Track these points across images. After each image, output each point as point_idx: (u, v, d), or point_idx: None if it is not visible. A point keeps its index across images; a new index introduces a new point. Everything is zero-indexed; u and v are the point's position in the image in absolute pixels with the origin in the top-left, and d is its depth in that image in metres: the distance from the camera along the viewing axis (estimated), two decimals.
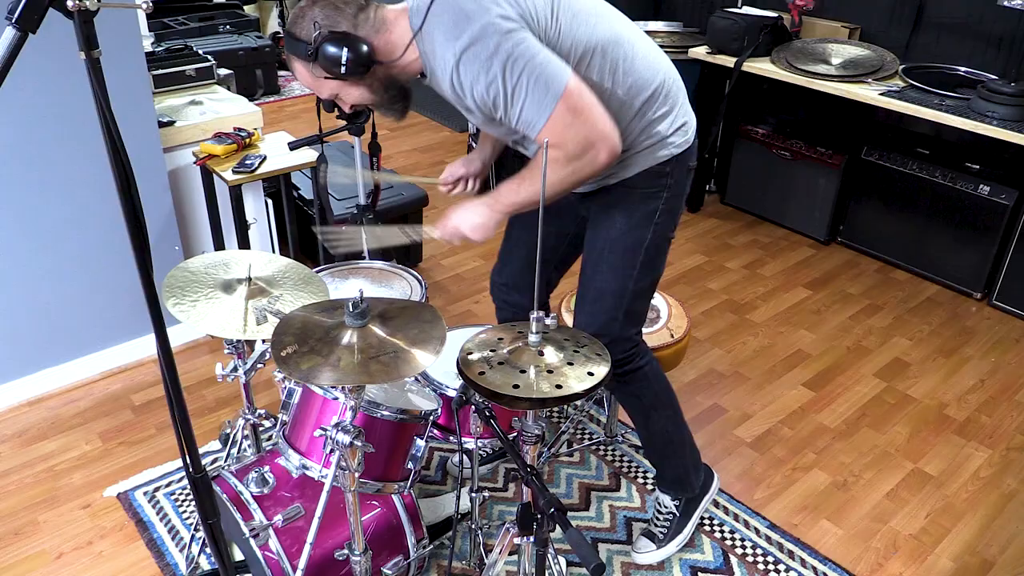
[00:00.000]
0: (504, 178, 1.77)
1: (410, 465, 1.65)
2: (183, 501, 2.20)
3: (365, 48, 1.49)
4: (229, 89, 3.16)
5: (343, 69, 1.48)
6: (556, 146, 1.50)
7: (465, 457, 1.89)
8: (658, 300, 2.23)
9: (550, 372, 1.32)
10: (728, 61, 3.48)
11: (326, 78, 1.54)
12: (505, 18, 1.43)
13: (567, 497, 2.26)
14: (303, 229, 3.19)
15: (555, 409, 2.55)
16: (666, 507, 2.06)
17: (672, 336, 2.19)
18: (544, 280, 2.04)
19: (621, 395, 1.94)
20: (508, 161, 3.92)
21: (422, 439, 1.64)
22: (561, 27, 1.52)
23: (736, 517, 2.21)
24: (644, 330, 2.08)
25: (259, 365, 1.82)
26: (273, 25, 6.31)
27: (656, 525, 2.07)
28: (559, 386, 1.29)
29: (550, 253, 1.96)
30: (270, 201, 2.93)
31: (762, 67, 3.40)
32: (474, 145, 4.06)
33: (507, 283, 2.04)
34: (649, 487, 2.29)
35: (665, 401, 1.93)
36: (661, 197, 1.71)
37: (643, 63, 1.63)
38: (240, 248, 2.75)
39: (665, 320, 2.15)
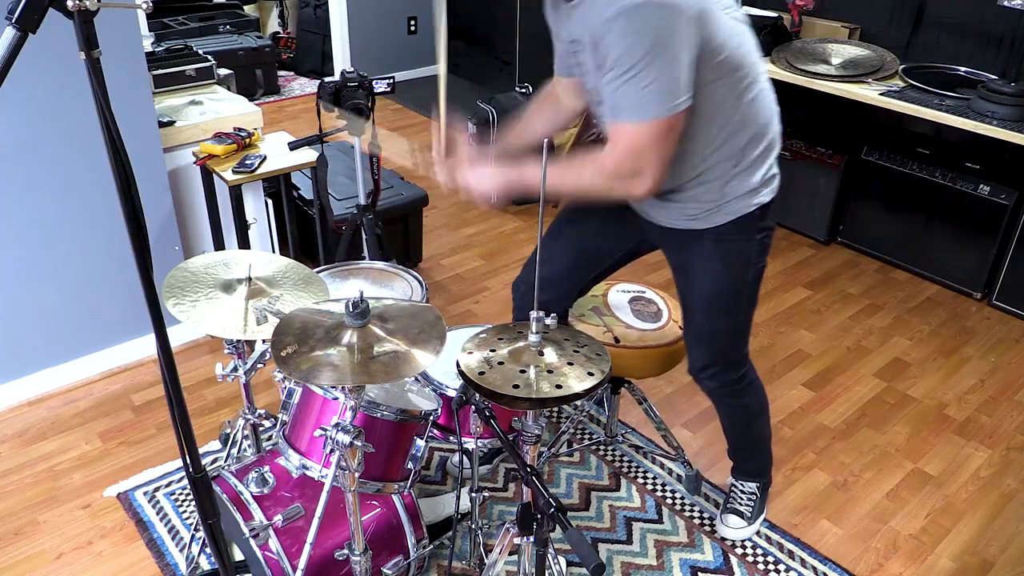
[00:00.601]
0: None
1: (410, 465, 1.65)
2: (183, 501, 2.20)
3: None
4: (229, 89, 3.16)
5: None
6: (615, 154, 1.48)
7: (465, 457, 1.88)
8: (657, 300, 2.23)
9: (550, 372, 1.32)
10: None
11: None
12: (687, 7, 1.38)
13: (567, 497, 2.26)
14: (303, 229, 3.19)
15: (555, 409, 2.55)
16: (749, 489, 2.15)
17: (681, 328, 2.19)
18: (578, 286, 2.05)
19: (732, 408, 2.01)
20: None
21: (422, 439, 1.64)
22: (717, 35, 1.46)
23: None
24: (649, 326, 2.10)
25: (259, 365, 1.82)
26: (273, 25, 6.30)
27: (741, 504, 2.15)
28: (559, 386, 1.28)
29: (595, 261, 1.97)
30: (270, 201, 2.93)
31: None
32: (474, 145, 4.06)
33: (546, 281, 1.91)
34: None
35: (765, 404, 2.04)
36: (754, 239, 1.71)
37: (768, 105, 1.63)
38: (240, 248, 2.75)
39: (667, 317, 2.15)
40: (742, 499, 2.15)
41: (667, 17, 1.37)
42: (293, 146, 2.59)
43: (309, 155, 2.74)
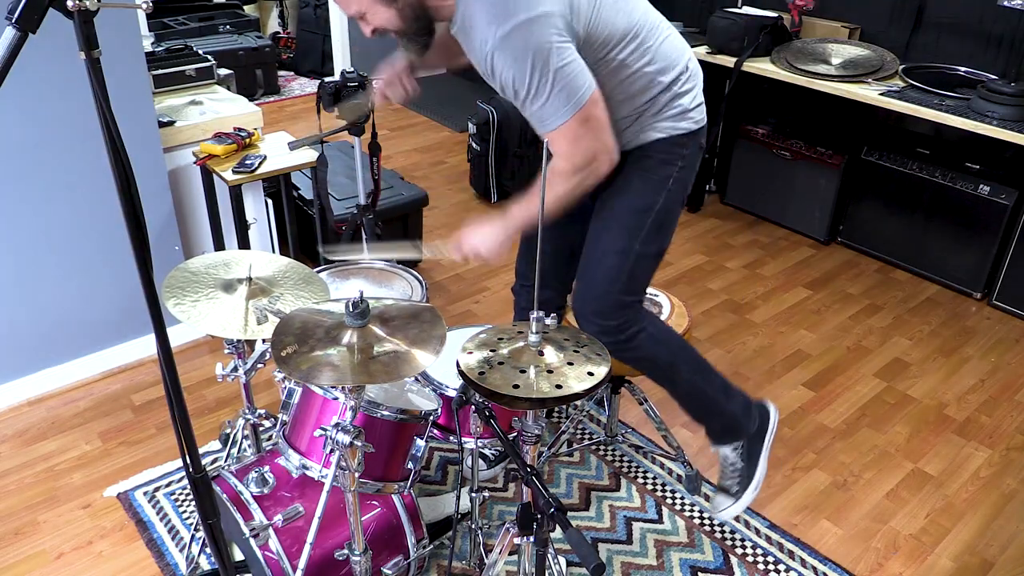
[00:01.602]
0: (504, 177, 1.76)
1: (410, 465, 1.65)
2: (183, 501, 2.20)
3: None
4: (229, 89, 3.16)
5: None
6: (563, 156, 1.57)
7: (468, 457, 1.89)
8: (660, 297, 2.23)
9: (550, 372, 1.32)
10: (728, 61, 3.48)
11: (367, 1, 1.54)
12: (548, 16, 1.47)
13: (567, 497, 2.26)
14: (303, 229, 3.19)
15: (555, 409, 2.55)
16: (730, 459, 2.07)
17: (679, 330, 2.19)
18: (569, 279, 2.05)
19: (636, 364, 1.92)
20: (509, 160, 3.93)
21: (422, 439, 1.64)
22: (600, 15, 1.57)
23: (736, 517, 2.21)
24: None
25: (259, 365, 1.82)
26: (273, 25, 6.31)
27: (727, 476, 2.08)
28: (559, 386, 1.28)
29: (577, 250, 1.94)
30: (270, 201, 2.93)
31: (762, 67, 3.40)
32: (474, 145, 4.07)
33: (543, 278, 1.96)
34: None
35: (683, 356, 1.94)
36: (676, 165, 1.77)
37: (671, 45, 1.73)
38: (240, 248, 2.75)
39: (667, 316, 2.15)
40: (726, 471, 2.09)
41: (535, 31, 1.46)
42: (293, 146, 2.60)
43: (309, 155, 2.74)
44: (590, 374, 1.32)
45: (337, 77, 2.47)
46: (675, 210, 1.82)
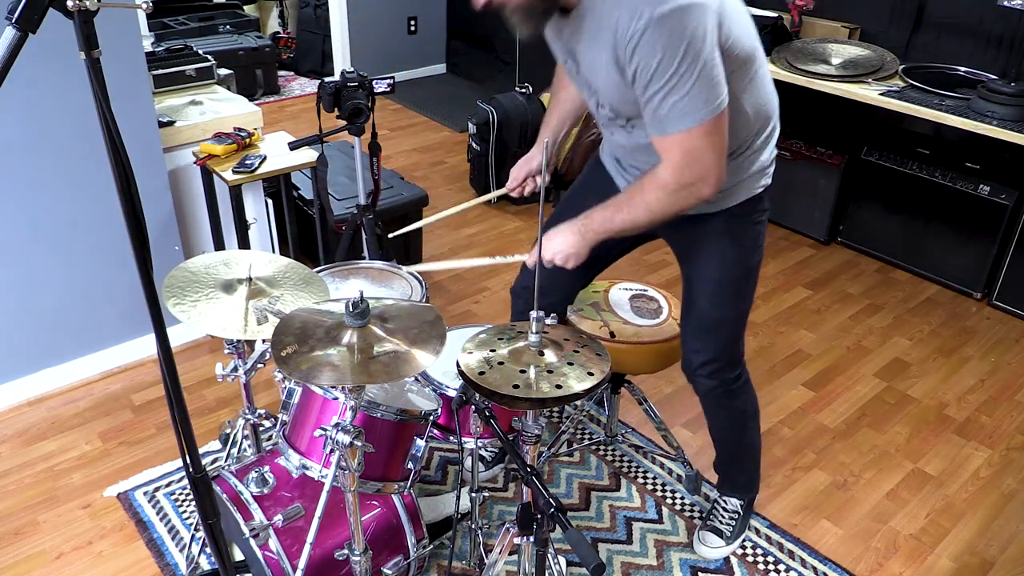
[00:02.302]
0: (504, 177, 1.77)
1: (410, 465, 1.65)
2: (183, 501, 2.20)
3: None
4: (229, 89, 3.16)
5: None
6: (673, 167, 1.46)
7: (468, 458, 1.89)
8: (658, 297, 2.23)
9: (550, 372, 1.32)
10: None
11: None
12: (708, 6, 1.35)
13: (567, 497, 2.26)
14: (303, 229, 3.19)
15: (555, 409, 2.55)
16: (732, 507, 2.10)
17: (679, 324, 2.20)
18: (582, 286, 2.07)
19: (727, 410, 1.95)
20: (509, 160, 3.92)
21: (422, 439, 1.64)
22: (732, 27, 1.44)
23: None
24: (646, 322, 2.09)
25: (259, 365, 1.82)
26: (273, 25, 6.31)
27: (722, 522, 2.09)
28: (559, 386, 1.28)
29: (600, 261, 1.93)
30: (270, 201, 2.93)
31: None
32: (474, 145, 4.07)
33: (548, 287, 1.87)
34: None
35: (758, 409, 2.01)
36: (761, 222, 1.75)
37: (771, 88, 1.64)
38: (240, 248, 2.75)
39: (667, 315, 2.15)
40: (723, 517, 2.10)
41: (696, 18, 1.33)
42: (293, 146, 2.59)
43: (309, 155, 2.74)
44: (590, 374, 1.32)
45: (337, 77, 2.47)
46: (761, 260, 1.82)
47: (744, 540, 2.13)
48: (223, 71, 3.64)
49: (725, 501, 2.11)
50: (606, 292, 2.23)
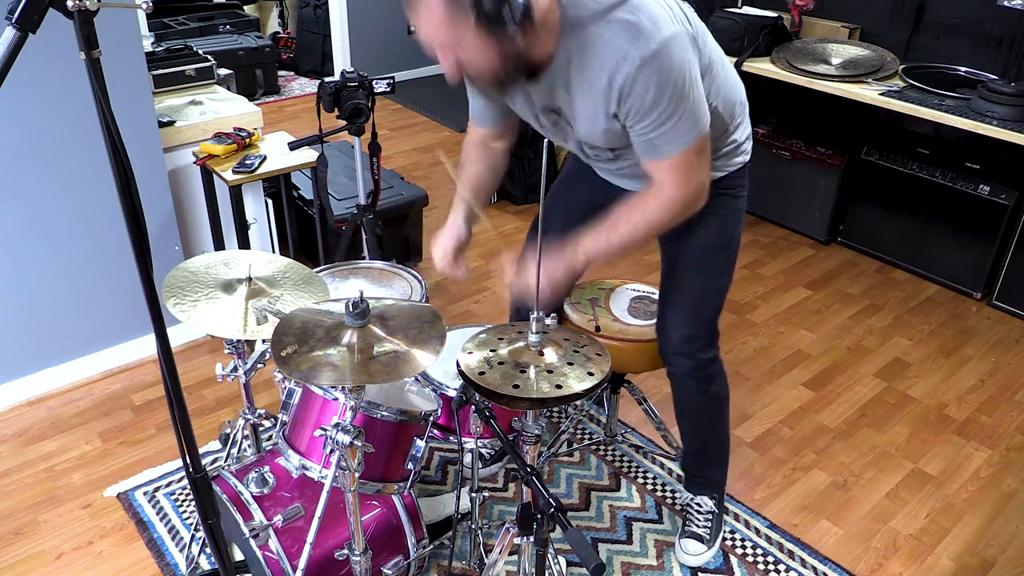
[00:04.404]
0: (503, 177, 1.76)
1: (410, 466, 1.65)
2: (183, 501, 2.20)
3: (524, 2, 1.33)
4: (229, 89, 3.16)
5: (506, 13, 1.30)
6: (674, 185, 1.51)
7: (467, 457, 1.89)
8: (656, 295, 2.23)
9: (550, 372, 1.32)
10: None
11: (468, 28, 1.32)
12: (682, 35, 1.40)
13: (567, 497, 2.26)
14: (303, 229, 3.19)
15: (555, 409, 2.55)
16: (706, 508, 2.08)
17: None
18: (567, 290, 2.06)
19: (705, 395, 1.92)
20: (522, 167, 3.91)
21: (422, 440, 1.64)
22: (696, 40, 1.50)
23: (736, 517, 2.21)
24: (636, 322, 2.09)
25: (259, 365, 1.82)
26: (273, 25, 6.31)
27: (699, 526, 2.07)
28: (559, 386, 1.29)
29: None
30: (270, 201, 2.93)
31: (762, 67, 3.40)
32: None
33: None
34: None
35: (728, 398, 1.99)
36: (742, 197, 1.82)
37: (733, 77, 1.71)
38: (240, 248, 2.75)
39: None
40: (699, 519, 2.08)
41: (680, 51, 1.39)
42: (293, 146, 2.59)
43: (309, 155, 2.74)
44: (590, 374, 1.32)
45: (337, 77, 2.47)
46: (740, 234, 1.86)
47: (744, 540, 2.14)
48: (223, 71, 3.65)
49: (699, 504, 2.08)
50: (611, 290, 2.23)
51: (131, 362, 2.75)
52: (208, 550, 2.00)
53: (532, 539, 1.38)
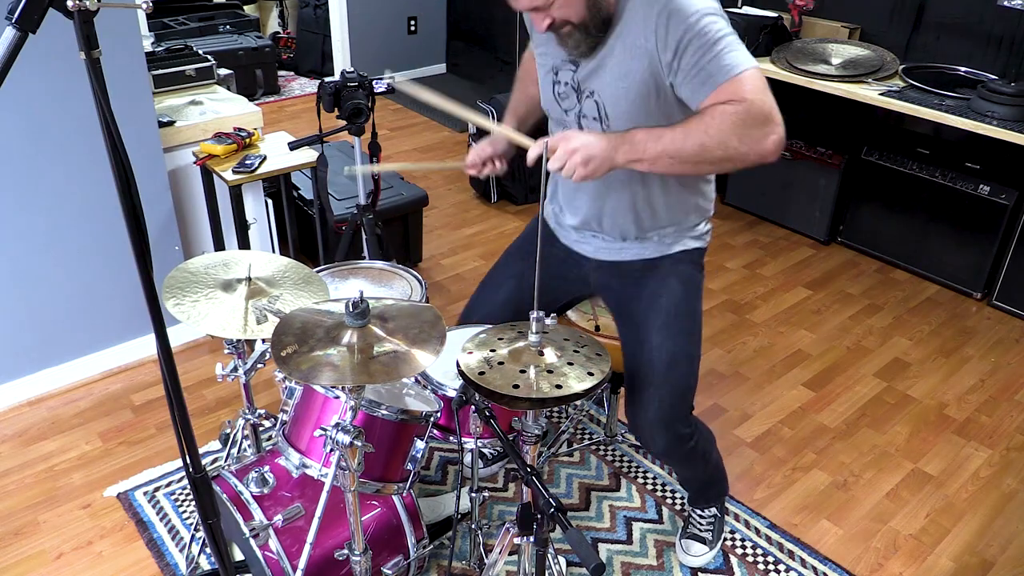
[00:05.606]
0: (504, 177, 1.74)
1: (409, 466, 1.65)
2: (183, 501, 2.20)
3: None
4: (229, 89, 3.16)
5: None
6: (750, 92, 1.38)
7: (467, 457, 1.88)
8: None
9: (550, 372, 1.32)
10: None
11: None
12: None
13: (567, 497, 2.26)
14: (303, 229, 3.19)
15: (555, 409, 2.55)
16: (708, 513, 2.08)
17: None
18: (508, 315, 1.92)
19: (688, 458, 1.87)
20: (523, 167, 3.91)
21: (422, 440, 1.64)
22: None
23: (736, 517, 2.21)
24: None
25: (259, 365, 1.82)
26: (273, 25, 6.31)
27: (701, 528, 2.08)
28: (559, 386, 1.29)
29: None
30: (270, 201, 2.93)
31: (762, 67, 3.37)
32: (474, 145, 4.07)
33: (484, 314, 1.90)
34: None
35: (711, 434, 1.96)
36: (701, 276, 1.80)
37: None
38: (240, 248, 2.75)
39: None
40: (702, 524, 2.08)
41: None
42: (293, 146, 2.59)
43: (309, 155, 2.74)
44: (590, 374, 1.32)
45: (337, 77, 2.47)
46: (702, 312, 1.81)
47: (744, 540, 2.14)
48: (223, 71, 3.65)
49: (701, 511, 2.09)
50: None
51: (131, 362, 2.75)
52: (208, 550, 2.00)
53: (532, 539, 1.38)
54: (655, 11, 1.43)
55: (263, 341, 1.78)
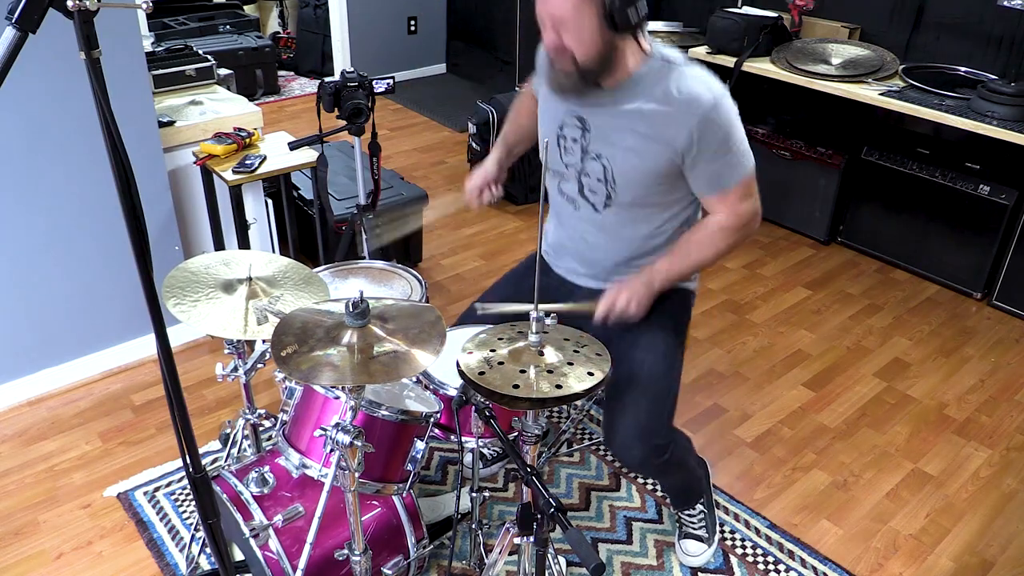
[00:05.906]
0: (504, 178, 1.79)
1: (409, 467, 1.65)
2: (183, 501, 2.20)
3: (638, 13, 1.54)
4: (229, 89, 3.16)
5: (627, 14, 1.51)
6: (734, 213, 1.69)
7: (467, 457, 1.88)
8: None
9: (550, 372, 1.32)
10: (728, 61, 3.48)
11: (592, 15, 1.51)
12: None
13: (567, 497, 2.26)
14: (303, 229, 3.19)
15: (555, 409, 2.55)
16: (697, 511, 2.09)
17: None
18: None
19: (667, 470, 1.88)
20: (523, 167, 3.92)
21: (422, 441, 1.64)
22: None
23: (736, 517, 2.21)
24: None
25: (259, 365, 1.82)
26: (273, 25, 6.31)
27: (694, 527, 2.08)
28: (559, 386, 1.29)
29: None
30: (270, 201, 2.93)
31: (762, 67, 3.40)
32: (474, 145, 4.07)
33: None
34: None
35: (687, 440, 1.99)
36: (687, 318, 1.93)
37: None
38: (240, 248, 2.75)
39: None
40: (693, 523, 2.08)
41: (732, 103, 1.64)
42: (293, 146, 2.59)
43: (309, 155, 2.74)
44: (590, 374, 1.32)
45: (337, 77, 2.47)
46: (685, 345, 1.93)
47: (744, 540, 2.14)
48: (223, 71, 3.65)
49: (689, 511, 2.09)
50: None
51: (131, 362, 2.75)
52: (208, 550, 2.00)
53: (532, 539, 1.38)
54: (697, 117, 1.58)
55: (263, 341, 1.78)
